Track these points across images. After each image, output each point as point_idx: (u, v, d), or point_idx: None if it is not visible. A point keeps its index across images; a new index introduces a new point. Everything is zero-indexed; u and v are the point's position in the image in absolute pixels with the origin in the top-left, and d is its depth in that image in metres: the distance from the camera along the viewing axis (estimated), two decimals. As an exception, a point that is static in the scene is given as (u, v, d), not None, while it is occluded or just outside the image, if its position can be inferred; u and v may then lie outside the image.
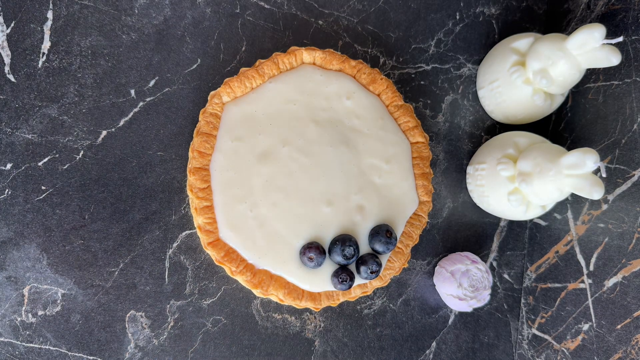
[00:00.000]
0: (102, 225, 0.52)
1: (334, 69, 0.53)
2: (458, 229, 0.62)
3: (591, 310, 0.53)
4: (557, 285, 0.58)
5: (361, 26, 0.59)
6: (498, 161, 0.53)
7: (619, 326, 0.50)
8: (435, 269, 0.60)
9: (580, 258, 0.55)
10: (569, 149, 0.48)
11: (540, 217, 0.61)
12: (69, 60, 0.51)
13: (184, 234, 0.54)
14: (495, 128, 0.63)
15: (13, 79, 0.50)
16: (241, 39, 0.56)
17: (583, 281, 0.54)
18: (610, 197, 0.51)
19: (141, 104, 0.53)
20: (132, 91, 0.53)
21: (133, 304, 0.52)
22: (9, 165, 0.50)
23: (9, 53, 0.50)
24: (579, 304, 0.55)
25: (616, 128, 0.52)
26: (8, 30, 0.50)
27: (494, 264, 0.63)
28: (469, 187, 0.61)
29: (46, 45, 0.51)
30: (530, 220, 0.63)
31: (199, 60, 0.54)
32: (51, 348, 0.50)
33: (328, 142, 0.51)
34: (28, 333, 0.50)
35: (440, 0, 0.61)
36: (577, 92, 0.58)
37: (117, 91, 0.52)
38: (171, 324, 0.53)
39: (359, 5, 0.59)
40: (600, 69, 0.54)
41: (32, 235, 0.50)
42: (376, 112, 0.53)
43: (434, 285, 0.60)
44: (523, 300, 0.63)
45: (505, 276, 0.63)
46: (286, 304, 0.52)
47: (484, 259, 0.62)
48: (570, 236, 0.57)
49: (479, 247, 0.62)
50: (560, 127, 0.60)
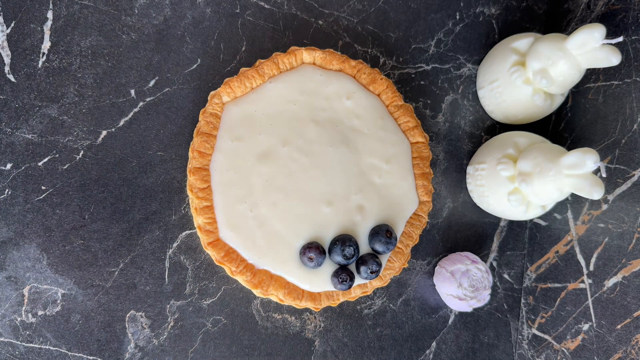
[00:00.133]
0: (102, 225, 0.52)
1: (334, 69, 0.53)
2: (458, 229, 0.62)
3: (591, 310, 0.53)
4: (557, 285, 0.58)
5: (361, 26, 0.59)
6: (498, 161, 0.53)
7: (619, 326, 0.50)
8: (435, 269, 0.60)
9: (580, 258, 0.55)
10: (569, 149, 0.48)
11: (540, 217, 0.61)
12: (69, 60, 0.51)
13: (184, 234, 0.54)
14: (495, 128, 0.63)
15: (13, 79, 0.50)
16: (241, 39, 0.56)
17: (583, 281, 0.54)
18: (610, 197, 0.51)
19: (141, 104, 0.53)
20: (132, 91, 0.53)
21: (133, 304, 0.52)
22: (9, 165, 0.50)
23: (9, 53, 0.50)
24: (579, 304, 0.55)
25: (616, 128, 0.52)
26: (8, 30, 0.50)
27: (494, 264, 0.63)
28: (469, 187, 0.61)
29: (46, 45, 0.51)
30: (530, 220, 0.63)
31: (199, 60, 0.54)
32: (51, 348, 0.50)
33: (328, 142, 0.51)
34: (28, 333, 0.50)
35: (440, 0, 0.61)
36: (577, 92, 0.58)
37: (117, 91, 0.52)
38: (171, 324, 0.53)
39: (359, 5, 0.59)
40: (600, 69, 0.54)
41: (32, 235, 0.50)
42: (376, 112, 0.53)
43: (434, 285, 0.60)
44: (523, 300, 0.63)
45: (505, 276, 0.63)
46: (286, 304, 0.52)
47: (484, 259, 0.62)
48: (570, 236, 0.57)
49: (479, 247, 0.62)
50: (560, 127, 0.60)
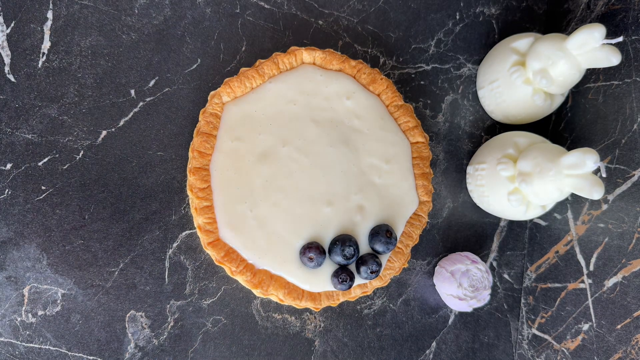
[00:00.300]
0: (102, 225, 0.52)
1: (334, 69, 0.53)
2: (458, 229, 0.62)
3: (591, 310, 0.53)
4: (557, 285, 0.58)
5: (361, 26, 0.59)
6: (498, 161, 0.53)
7: (619, 326, 0.50)
8: (435, 269, 0.60)
9: (580, 258, 0.55)
10: (569, 149, 0.48)
11: (540, 217, 0.61)
12: (69, 60, 0.51)
13: (184, 234, 0.54)
14: (495, 128, 0.63)
15: (13, 79, 0.50)
16: (241, 39, 0.56)
17: (583, 281, 0.54)
18: (610, 197, 0.51)
19: (141, 104, 0.53)
20: (132, 91, 0.53)
21: (133, 304, 0.52)
22: (9, 165, 0.50)
23: (9, 53, 0.50)
24: (579, 304, 0.55)
25: (616, 128, 0.52)
26: (8, 30, 0.50)
27: (494, 264, 0.63)
28: (469, 187, 0.61)
29: (46, 45, 0.51)
30: (530, 220, 0.63)
31: (199, 60, 0.54)
32: (51, 348, 0.50)
33: (328, 142, 0.51)
34: (28, 333, 0.50)
35: (440, 0, 0.61)
36: (577, 92, 0.58)
37: (117, 91, 0.52)
38: (171, 324, 0.53)
39: (359, 5, 0.59)
40: (600, 69, 0.54)
41: (32, 235, 0.50)
42: (376, 112, 0.53)
43: (434, 285, 0.60)
44: (523, 300, 0.63)
45: (505, 276, 0.63)
46: (286, 304, 0.52)
47: (484, 259, 0.62)
48: (570, 236, 0.57)
49: (479, 247, 0.62)
50: (560, 127, 0.60)
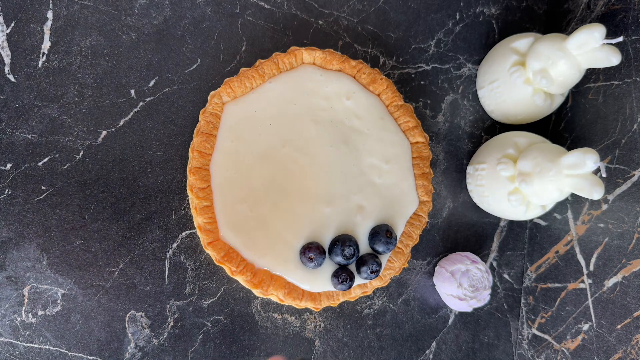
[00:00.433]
0: (102, 225, 0.52)
1: (334, 69, 0.53)
2: (458, 229, 0.62)
3: (591, 310, 0.53)
4: (557, 285, 0.58)
5: (361, 26, 0.59)
6: (498, 161, 0.53)
7: (619, 326, 0.50)
8: (435, 269, 0.60)
9: (580, 258, 0.55)
10: (569, 149, 0.48)
11: (540, 217, 0.61)
12: (69, 60, 0.51)
13: (184, 234, 0.54)
14: (495, 128, 0.63)
15: (13, 79, 0.50)
16: (241, 39, 0.56)
17: (583, 281, 0.54)
18: (610, 197, 0.51)
19: (141, 104, 0.53)
20: (132, 91, 0.53)
21: (133, 304, 0.52)
22: (9, 165, 0.50)
23: (9, 53, 0.50)
24: (579, 304, 0.55)
25: (616, 128, 0.52)
26: (8, 30, 0.50)
27: (494, 264, 0.63)
28: (469, 187, 0.61)
29: (46, 45, 0.51)
30: (530, 220, 0.63)
31: (199, 60, 0.54)
32: (51, 348, 0.50)
33: (328, 142, 0.51)
34: (28, 333, 0.50)
35: (440, 0, 0.61)
36: (577, 92, 0.58)
37: (117, 91, 0.52)
38: (171, 324, 0.53)
39: (359, 5, 0.59)
40: (600, 69, 0.54)
41: (32, 235, 0.50)
42: (376, 112, 0.53)
43: (434, 285, 0.60)
44: (523, 300, 0.63)
45: (505, 276, 0.63)
46: (286, 304, 0.52)
47: (484, 259, 0.62)
48: (570, 236, 0.57)
49: (479, 247, 0.62)
50: (560, 127, 0.60)
